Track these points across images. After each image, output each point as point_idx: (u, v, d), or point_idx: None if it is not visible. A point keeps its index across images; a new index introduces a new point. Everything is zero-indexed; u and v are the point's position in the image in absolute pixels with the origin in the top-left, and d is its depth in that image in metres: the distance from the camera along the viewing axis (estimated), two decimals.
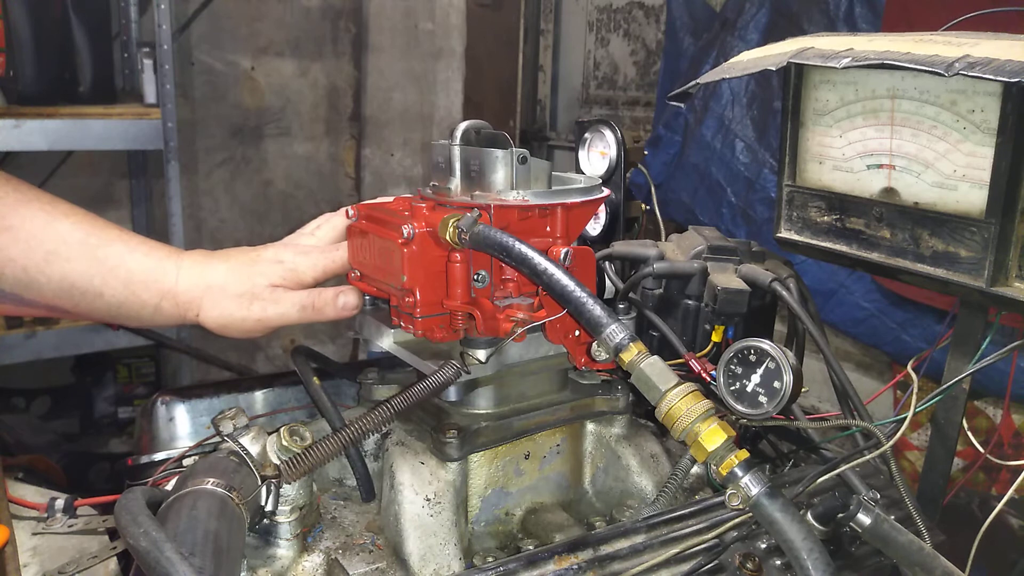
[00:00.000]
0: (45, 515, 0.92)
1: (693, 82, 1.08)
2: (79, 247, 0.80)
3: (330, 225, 0.96)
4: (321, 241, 0.95)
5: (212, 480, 0.69)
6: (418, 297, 0.83)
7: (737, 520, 0.82)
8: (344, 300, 0.91)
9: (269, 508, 0.77)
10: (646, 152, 2.58)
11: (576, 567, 0.77)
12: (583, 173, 1.46)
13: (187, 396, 1.12)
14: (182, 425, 1.11)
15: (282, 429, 0.79)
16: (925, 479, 1.07)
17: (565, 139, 3.97)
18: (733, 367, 0.85)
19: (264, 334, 0.90)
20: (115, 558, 0.85)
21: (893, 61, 0.82)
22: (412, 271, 0.83)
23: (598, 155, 1.51)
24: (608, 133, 1.48)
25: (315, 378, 0.97)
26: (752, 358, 0.84)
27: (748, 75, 0.99)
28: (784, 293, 1.03)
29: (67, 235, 0.80)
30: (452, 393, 0.88)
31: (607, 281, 1.19)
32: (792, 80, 1.06)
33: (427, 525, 0.83)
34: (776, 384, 0.82)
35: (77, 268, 0.79)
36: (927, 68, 0.78)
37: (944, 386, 1.01)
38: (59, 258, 0.79)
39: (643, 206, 1.61)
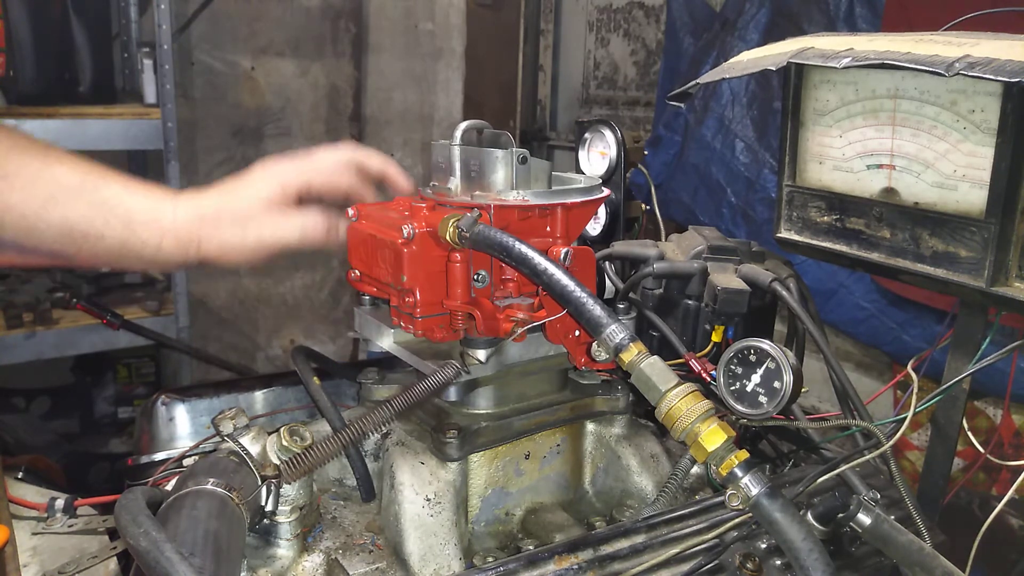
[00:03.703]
0: (45, 515, 0.92)
1: (693, 82, 1.08)
2: (77, 191, 0.79)
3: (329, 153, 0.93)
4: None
5: (212, 480, 0.69)
6: (418, 297, 0.83)
7: (737, 520, 0.82)
8: (346, 228, 0.89)
9: (269, 508, 0.77)
10: (646, 152, 2.58)
11: (576, 567, 0.77)
12: (583, 173, 1.46)
13: (187, 396, 1.12)
14: (182, 425, 1.11)
15: (282, 429, 0.79)
16: (925, 479, 1.07)
17: (565, 139, 3.98)
18: (733, 367, 0.85)
19: (267, 258, 0.87)
20: (115, 558, 0.85)
21: (893, 61, 0.82)
22: (412, 271, 0.83)
23: (598, 155, 1.51)
24: (608, 133, 1.48)
25: (315, 378, 0.97)
26: (752, 358, 0.84)
27: (748, 75, 0.99)
28: (784, 293, 1.03)
29: (64, 179, 0.79)
30: (452, 393, 0.88)
31: (607, 281, 1.19)
32: (792, 80, 1.06)
33: (427, 525, 0.83)
34: (776, 384, 0.82)
35: (76, 211, 0.79)
36: (927, 68, 0.78)
37: (944, 386, 1.01)
38: (58, 203, 0.78)
39: (643, 206, 1.61)
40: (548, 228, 0.90)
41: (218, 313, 3.78)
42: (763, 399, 0.83)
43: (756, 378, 0.83)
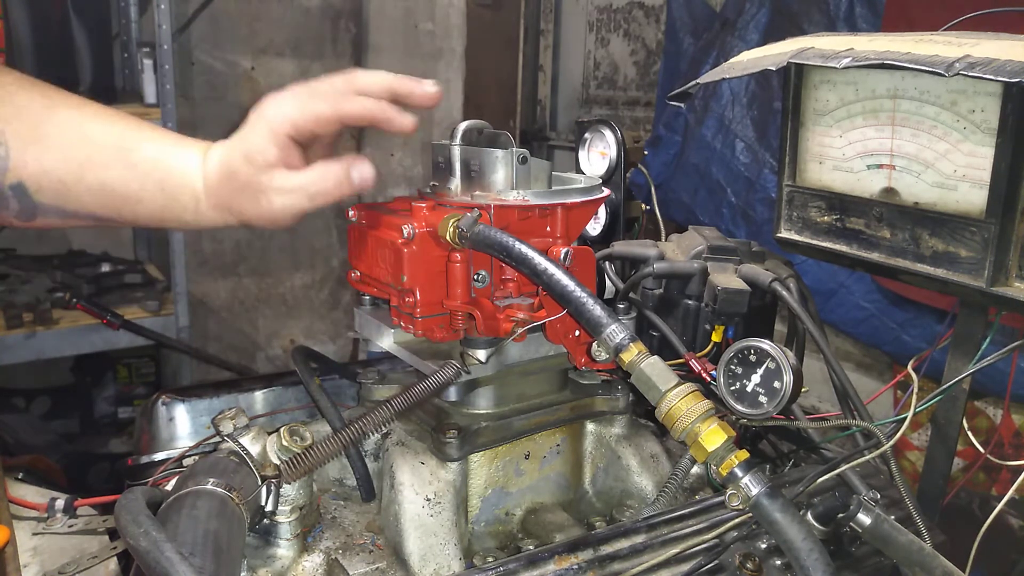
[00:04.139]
0: (45, 515, 0.92)
1: (693, 82, 1.08)
2: (113, 153, 0.77)
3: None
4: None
5: (212, 480, 0.69)
6: (418, 297, 0.83)
7: (737, 520, 0.82)
8: (359, 174, 0.78)
9: (269, 508, 0.77)
10: (646, 152, 2.58)
11: (576, 567, 0.77)
12: (583, 173, 1.46)
13: (187, 396, 1.12)
14: (182, 425, 1.11)
15: (282, 429, 0.79)
16: (925, 479, 1.07)
17: (565, 139, 3.98)
18: (733, 367, 0.85)
19: (297, 220, 0.79)
20: (115, 558, 0.85)
21: (893, 61, 0.82)
22: (412, 271, 0.83)
23: (598, 155, 1.51)
24: (608, 133, 1.48)
25: (315, 378, 0.97)
26: (752, 358, 0.84)
27: (748, 75, 0.99)
28: (784, 293, 1.03)
29: (100, 140, 0.76)
30: (452, 393, 0.88)
31: (607, 281, 1.19)
32: (792, 80, 1.06)
33: (427, 525, 0.83)
34: (776, 384, 0.82)
35: (113, 175, 0.76)
36: (927, 68, 0.78)
37: (944, 386, 1.01)
38: (95, 165, 0.76)
39: (643, 206, 1.61)
40: (548, 228, 0.90)
41: (218, 313, 3.78)
42: (763, 399, 0.83)
43: (756, 378, 0.83)
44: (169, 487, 0.73)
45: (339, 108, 0.77)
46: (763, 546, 0.83)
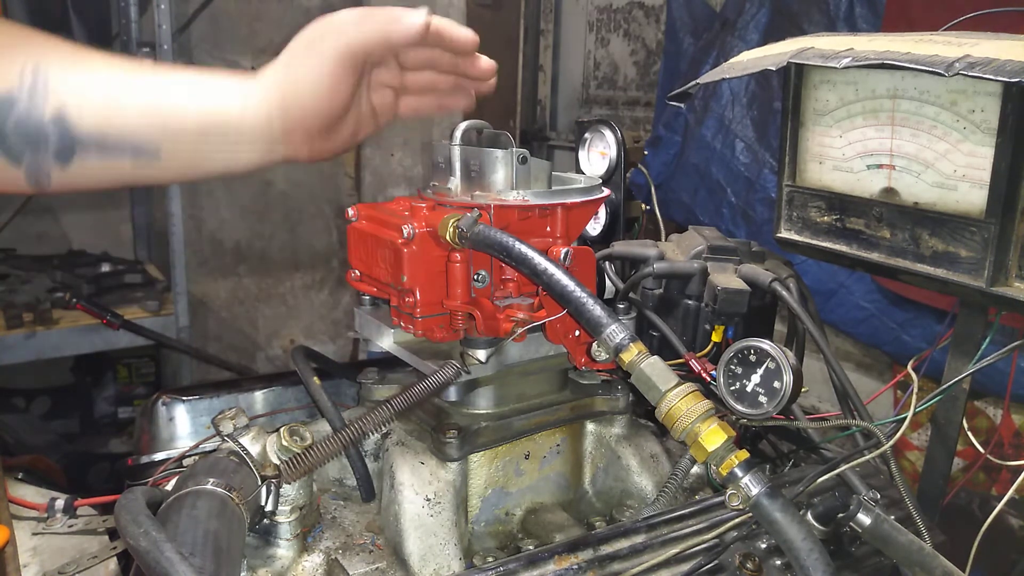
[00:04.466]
0: (45, 515, 0.92)
1: (693, 82, 1.08)
2: (154, 69, 0.76)
3: None
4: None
5: (212, 480, 0.69)
6: (418, 297, 0.83)
7: (737, 520, 0.82)
8: (411, 18, 0.77)
9: (269, 508, 0.77)
10: (646, 152, 2.58)
11: (576, 567, 0.77)
12: (583, 173, 1.46)
13: (187, 396, 1.12)
14: (182, 425, 1.11)
15: (282, 429, 0.79)
16: (925, 479, 1.07)
17: (565, 139, 3.97)
18: (733, 367, 0.85)
19: (354, 78, 0.77)
20: (115, 558, 0.85)
21: (893, 61, 0.82)
22: (412, 271, 0.83)
23: (598, 155, 1.51)
24: (608, 133, 1.48)
25: (315, 378, 0.97)
26: (752, 358, 0.84)
27: (748, 75, 0.99)
28: (784, 293, 1.03)
29: (139, 64, 0.76)
30: (452, 393, 0.88)
31: (607, 281, 1.19)
32: (792, 80, 1.06)
33: (427, 525, 0.83)
34: (776, 384, 0.82)
35: (157, 83, 0.75)
36: (927, 68, 0.78)
37: (944, 386, 1.01)
38: (137, 77, 0.75)
39: (643, 206, 1.61)
40: (548, 228, 0.90)
41: (218, 313, 3.78)
42: (763, 399, 0.83)
43: (756, 378, 0.83)
44: (169, 487, 0.73)
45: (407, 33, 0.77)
46: (763, 546, 0.83)
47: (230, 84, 0.78)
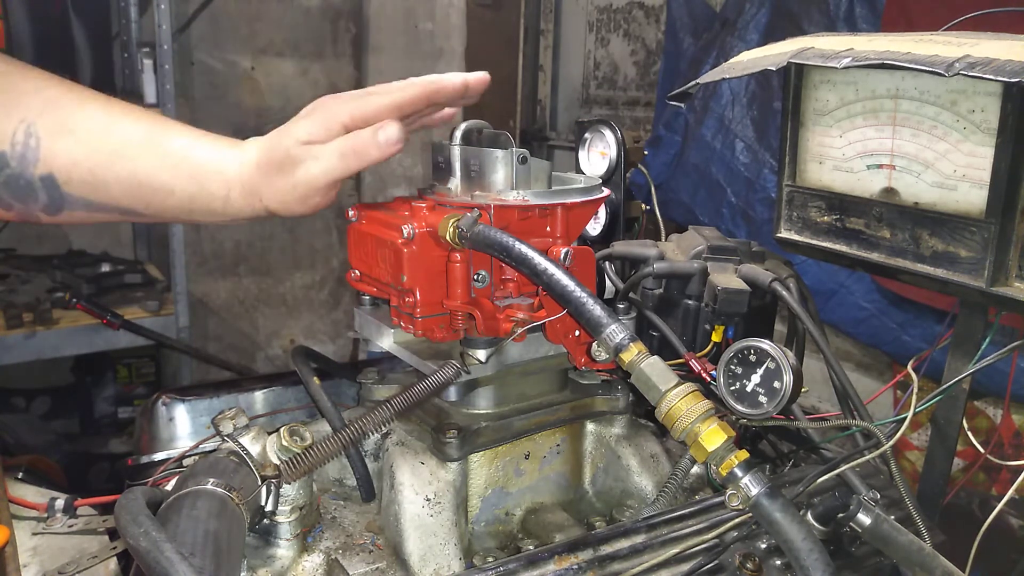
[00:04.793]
0: (45, 515, 0.92)
1: (693, 82, 1.08)
2: (143, 144, 0.77)
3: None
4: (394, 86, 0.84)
5: (212, 480, 0.69)
6: (418, 297, 0.83)
7: (737, 520, 0.82)
8: (385, 135, 0.78)
9: (269, 508, 0.77)
10: (646, 152, 2.58)
11: (576, 567, 0.77)
12: (583, 173, 1.46)
13: (187, 396, 1.12)
14: (182, 425, 1.11)
15: (282, 429, 0.79)
16: (925, 479, 1.07)
17: (565, 139, 3.97)
18: (733, 367, 0.85)
19: (327, 200, 0.81)
20: (115, 558, 0.85)
21: (893, 61, 0.82)
22: (412, 271, 0.82)
23: (598, 155, 1.51)
24: (608, 133, 1.48)
25: (315, 378, 0.97)
26: (752, 358, 0.84)
27: (748, 75, 0.99)
28: (784, 293, 1.03)
29: (129, 133, 0.77)
30: (452, 393, 0.88)
31: (607, 281, 1.19)
32: (792, 80, 1.06)
33: (427, 525, 0.83)
34: (776, 384, 0.82)
35: (143, 165, 0.77)
36: (927, 68, 0.78)
37: (944, 386, 1.01)
38: (124, 157, 0.77)
39: (643, 206, 1.61)
40: (548, 228, 0.90)
41: (218, 313, 3.78)
42: (763, 399, 0.83)
43: (756, 378, 0.83)
44: (169, 487, 0.73)
45: (393, 95, 0.81)
46: (763, 546, 0.83)
47: (216, 169, 0.80)
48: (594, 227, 1.51)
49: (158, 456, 1.08)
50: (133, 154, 0.77)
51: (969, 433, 1.09)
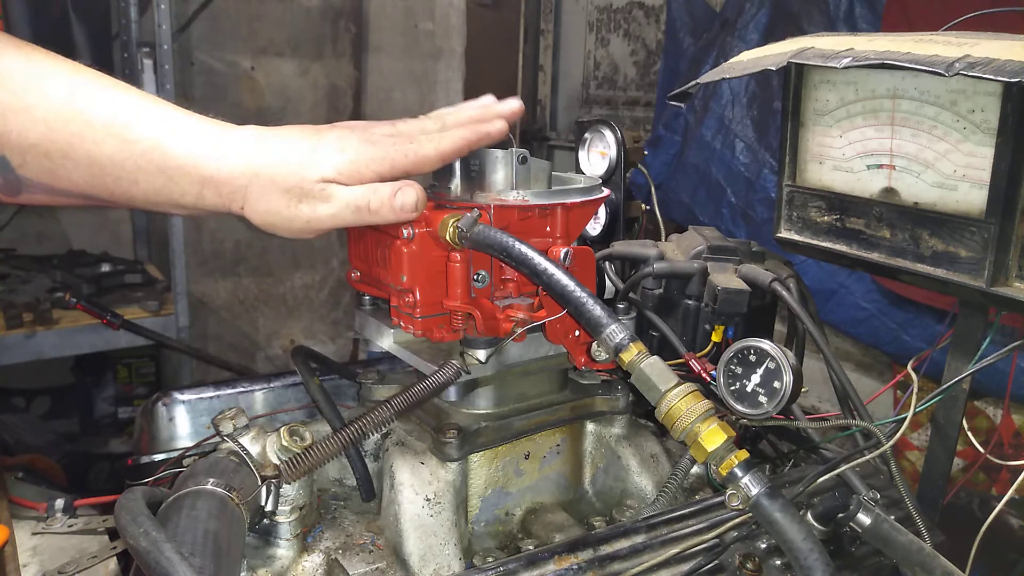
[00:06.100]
0: (45, 515, 0.92)
1: (693, 82, 1.08)
2: (106, 128, 0.69)
3: (459, 109, 0.80)
4: (432, 127, 0.80)
5: (212, 480, 0.69)
6: (418, 297, 0.83)
7: (737, 520, 0.82)
8: (402, 200, 0.75)
9: (269, 508, 0.77)
10: (646, 152, 2.58)
11: (576, 567, 0.77)
12: (583, 173, 1.46)
13: (187, 396, 1.12)
14: (182, 425, 1.11)
15: (282, 429, 0.79)
16: (925, 479, 1.07)
17: (565, 139, 3.98)
18: (733, 367, 0.85)
19: (315, 236, 0.77)
20: (115, 558, 0.85)
21: (893, 61, 0.82)
22: (412, 271, 0.82)
23: (598, 155, 1.51)
24: (608, 133, 1.48)
25: (315, 378, 0.97)
26: (752, 358, 0.84)
27: (748, 75, 0.99)
28: (784, 293, 1.03)
29: (92, 112, 0.69)
30: (452, 393, 0.88)
31: (607, 281, 1.19)
32: (792, 80, 1.06)
33: (427, 525, 0.83)
34: (776, 384, 0.82)
35: (106, 152, 0.70)
36: (927, 68, 0.78)
37: (944, 386, 1.01)
38: (84, 140, 0.69)
39: (643, 206, 1.61)
40: (548, 228, 0.90)
41: (218, 313, 3.78)
42: (763, 399, 0.83)
43: (756, 378, 0.83)
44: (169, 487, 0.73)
45: (443, 147, 0.78)
46: (763, 546, 0.83)
47: (191, 164, 0.73)
48: (594, 227, 1.51)
49: (158, 456, 1.08)
50: (95, 138, 0.70)
51: (969, 433, 1.09)
